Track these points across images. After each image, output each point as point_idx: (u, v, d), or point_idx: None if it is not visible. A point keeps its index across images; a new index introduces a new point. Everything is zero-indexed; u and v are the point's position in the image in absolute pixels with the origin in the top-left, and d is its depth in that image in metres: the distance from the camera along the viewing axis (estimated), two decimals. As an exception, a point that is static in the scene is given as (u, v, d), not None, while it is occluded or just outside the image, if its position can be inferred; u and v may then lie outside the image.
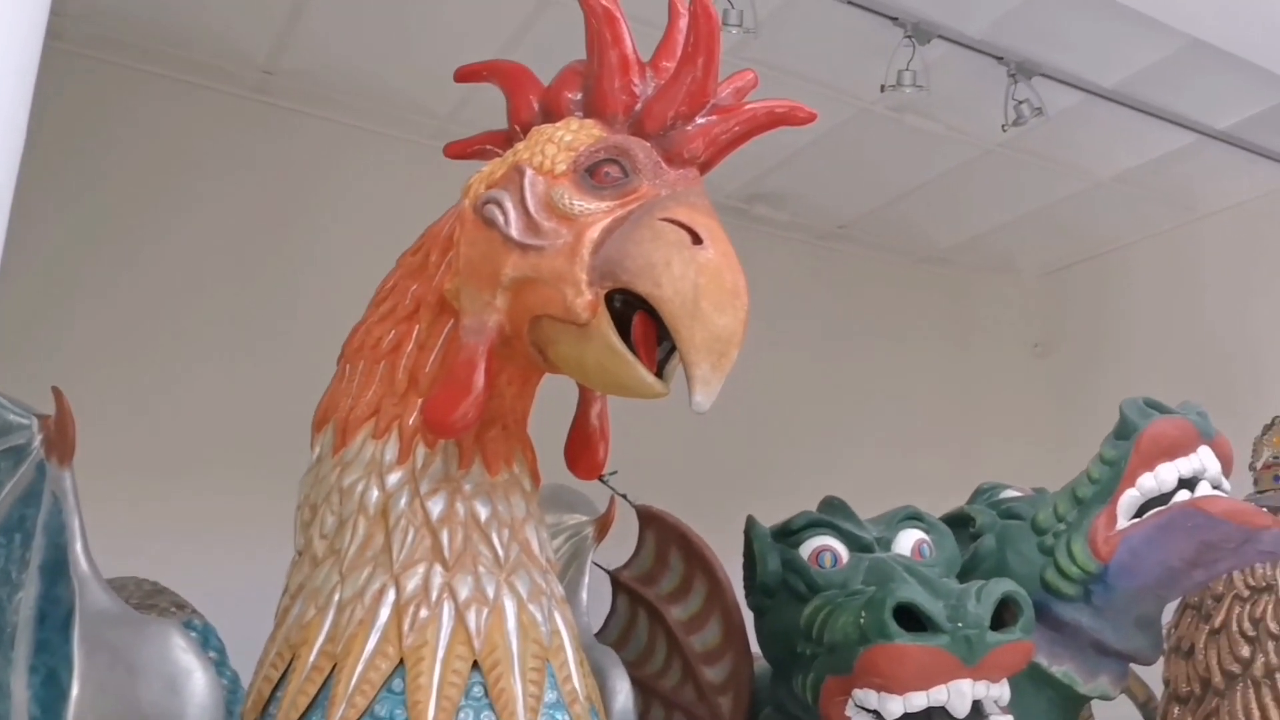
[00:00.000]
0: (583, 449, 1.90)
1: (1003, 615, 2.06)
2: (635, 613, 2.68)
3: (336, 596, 1.66)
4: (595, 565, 2.68)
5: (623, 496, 2.69)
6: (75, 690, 1.59)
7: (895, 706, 2.00)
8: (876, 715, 2.05)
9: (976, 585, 2.07)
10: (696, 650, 2.57)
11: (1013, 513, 2.67)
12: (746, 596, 2.51)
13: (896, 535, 2.45)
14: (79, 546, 1.67)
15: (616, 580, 2.71)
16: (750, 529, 2.52)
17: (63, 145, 3.81)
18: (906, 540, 2.45)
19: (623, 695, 2.07)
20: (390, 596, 1.63)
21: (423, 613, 1.62)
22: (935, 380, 5.36)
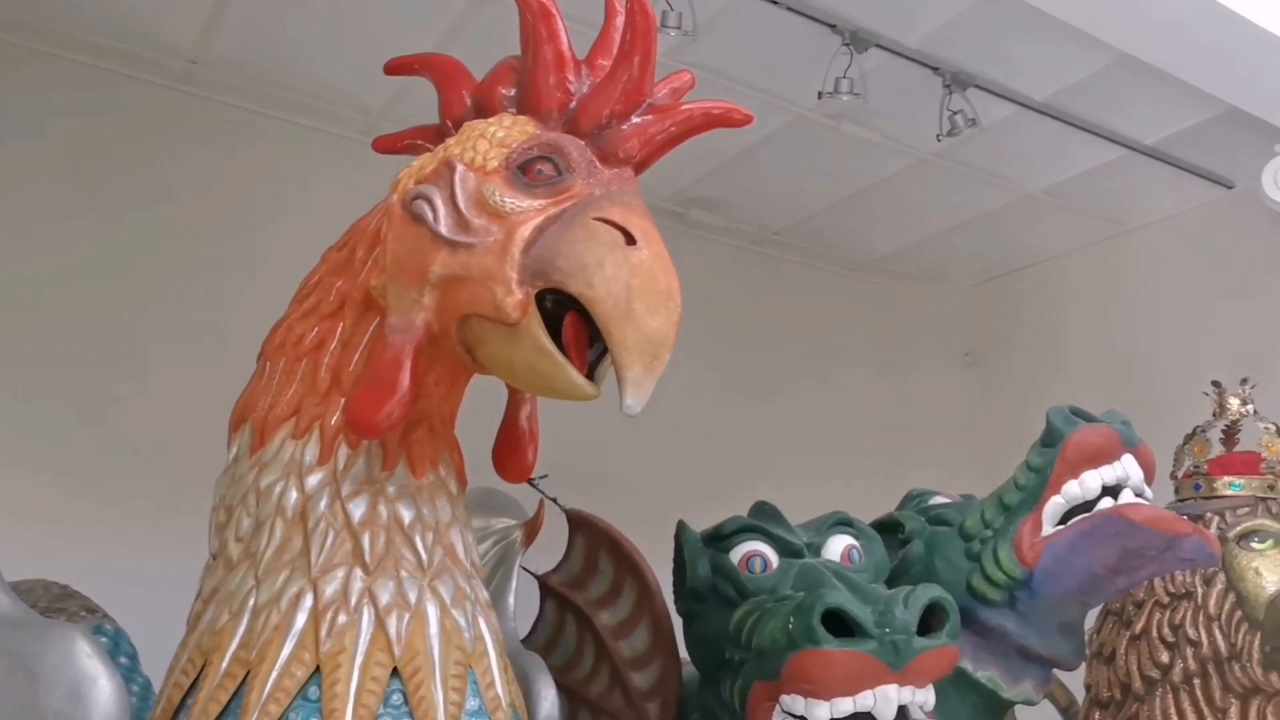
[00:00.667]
0: (511, 451, 1.89)
1: (930, 621, 2.09)
2: (563, 618, 2.66)
3: (251, 601, 1.62)
4: (523, 570, 2.67)
5: (552, 500, 2.68)
6: (-29, 698, 1.54)
7: (822, 712, 2.02)
8: (803, 720, 2.06)
9: (904, 591, 2.09)
10: (625, 656, 2.56)
11: (941, 519, 2.71)
12: (676, 602, 2.52)
13: (826, 541, 2.47)
14: (-25, 549, 1.61)
15: (545, 585, 2.69)
16: (680, 534, 2.52)
17: (-29, 135, 3.70)
18: (836, 546, 2.47)
19: (548, 702, 2.06)
20: (308, 601, 1.60)
21: (341, 618, 1.59)
22: (867, 387, 5.43)
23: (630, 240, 1.51)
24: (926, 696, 2.08)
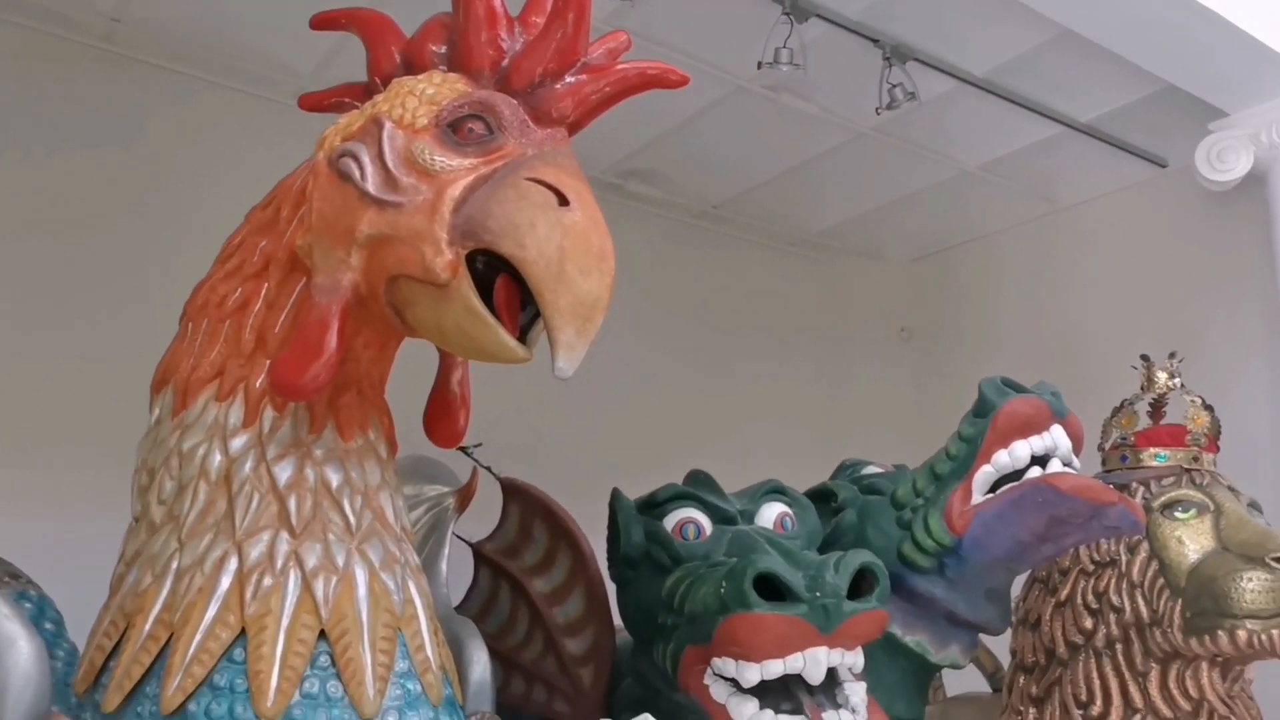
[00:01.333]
0: (442, 416, 1.89)
1: (860, 586, 2.13)
2: (497, 585, 2.68)
3: (175, 564, 1.61)
4: (457, 538, 2.67)
5: (486, 469, 2.69)
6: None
7: (752, 674, 2.06)
8: (734, 684, 2.10)
9: (835, 556, 2.14)
10: (559, 623, 2.59)
11: (873, 488, 2.77)
12: (610, 568, 2.54)
13: (760, 508, 2.51)
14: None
15: (479, 553, 2.70)
16: (615, 501, 2.54)
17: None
18: (769, 513, 2.51)
19: (480, 666, 2.08)
20: (232, 564, 1.59)
21: (266, 581, 1.59)
22: (803, 362, 5.50)
23: (563, 201, 1.51)
24: (855, 659, 2.13)
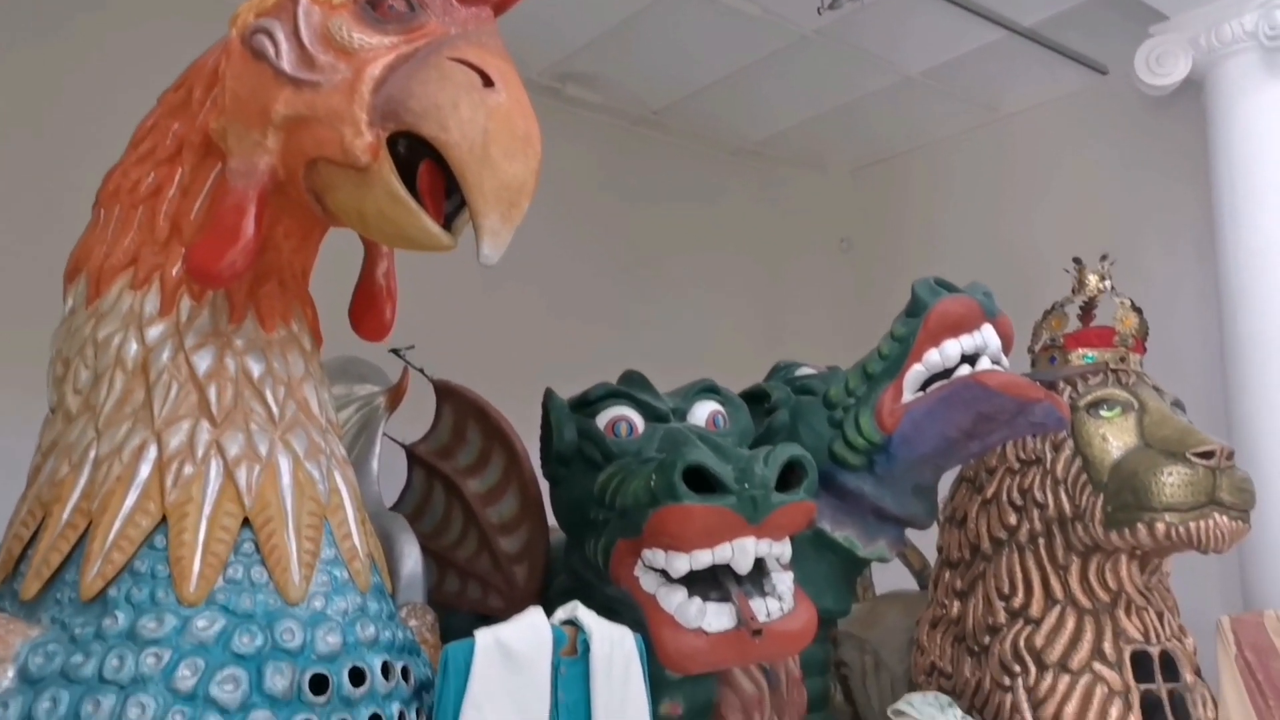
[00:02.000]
0: (368, 308, 1.88)
1: (789, 478, 2.18)
2: (431, 486, 2.70)
3: (92, 453, 1.61)
4: (391, 440, 2.69)
5: (419, 370, 2.69)
6: None
7: (681, 564, 2.10)
8: (663, 574, 2.15)
9: (765, 450, 2.17)
10: (493, 522, 2.62)
11: (807, 388, 2.82)
12: (543, 466, 2.57)
13: (692, 406, 2.55)
14: None
15: (412, 454, 2.72)
16: (548, 400, 2.56)
17: None
18: (702, 411, 2.54)
19: (411, 560, 2.11)
20: (151, 453, 1.60)
21: (187, 469, 1.59)
22: (742, 271, 5.51)
23: (487, 82, 1.49)
24: (783, 549, 2.18)
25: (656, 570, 2.17)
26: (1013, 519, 3.01)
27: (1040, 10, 4.60)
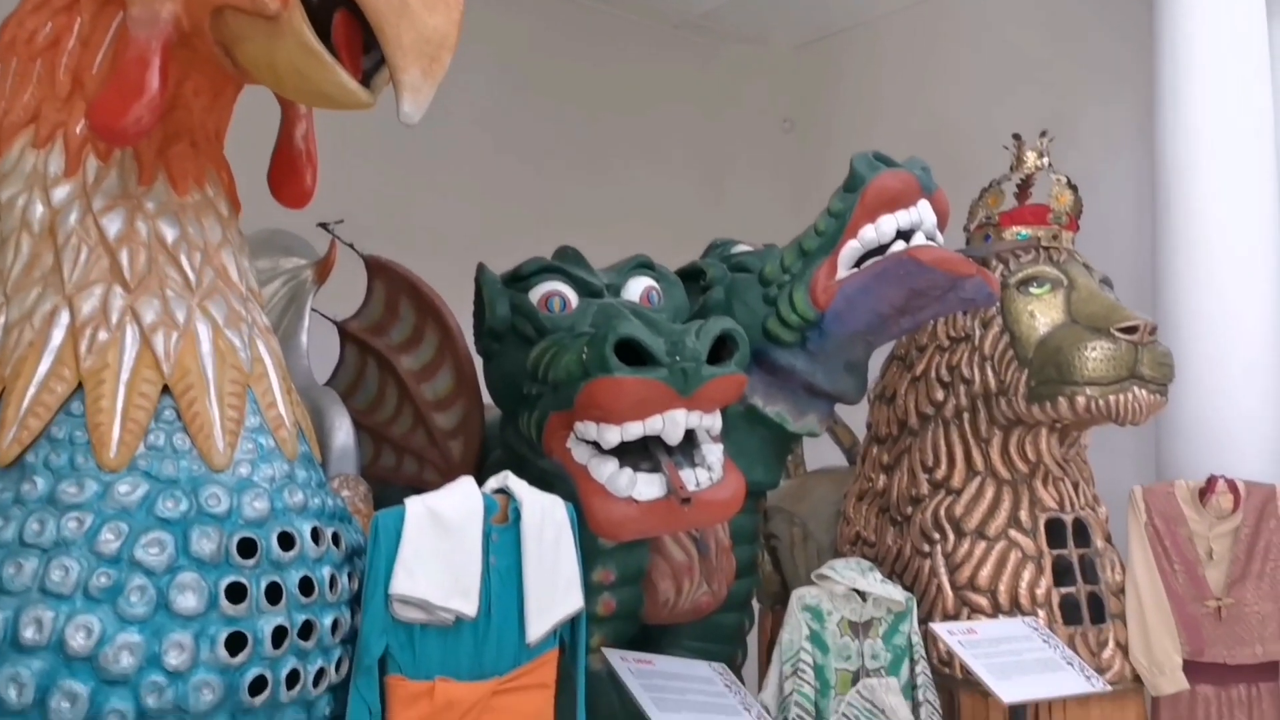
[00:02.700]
0: (288, 173, 1.82)
1: (719, 352, 2.19)
2: (364, 363, 2.67)
3: (1, 319, 1.56)
4: (323, 316, 2.64)
5: (349, 246, 2.63)
6: None
7: (612, 436, 2.12)
8: (595, 446, 2.16)
9: (696, 324, 2.18)
10: (428, 398, 2.61)
11: (742, 266, 2.80)
12: (476, 342, 2.55)
13: (626, 282, 2.53)
14: None
15: (344, 331, 2.68)
16: (480, 275, 2.52)
17: None
18: (636, 287, 2.53)
19: (343, 432, 2.10)
20: (64, 318, 1.55)
21: (102, 335, 1.55)
22: (683, 148, 5.42)
23: (405, -73, 1.42)
24: (713, 421, 2.20)
25: (588, 442, 2.18)
26: (940, 395, 3.07)
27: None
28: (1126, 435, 3.35)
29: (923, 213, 2.57)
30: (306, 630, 1.61)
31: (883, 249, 2.56)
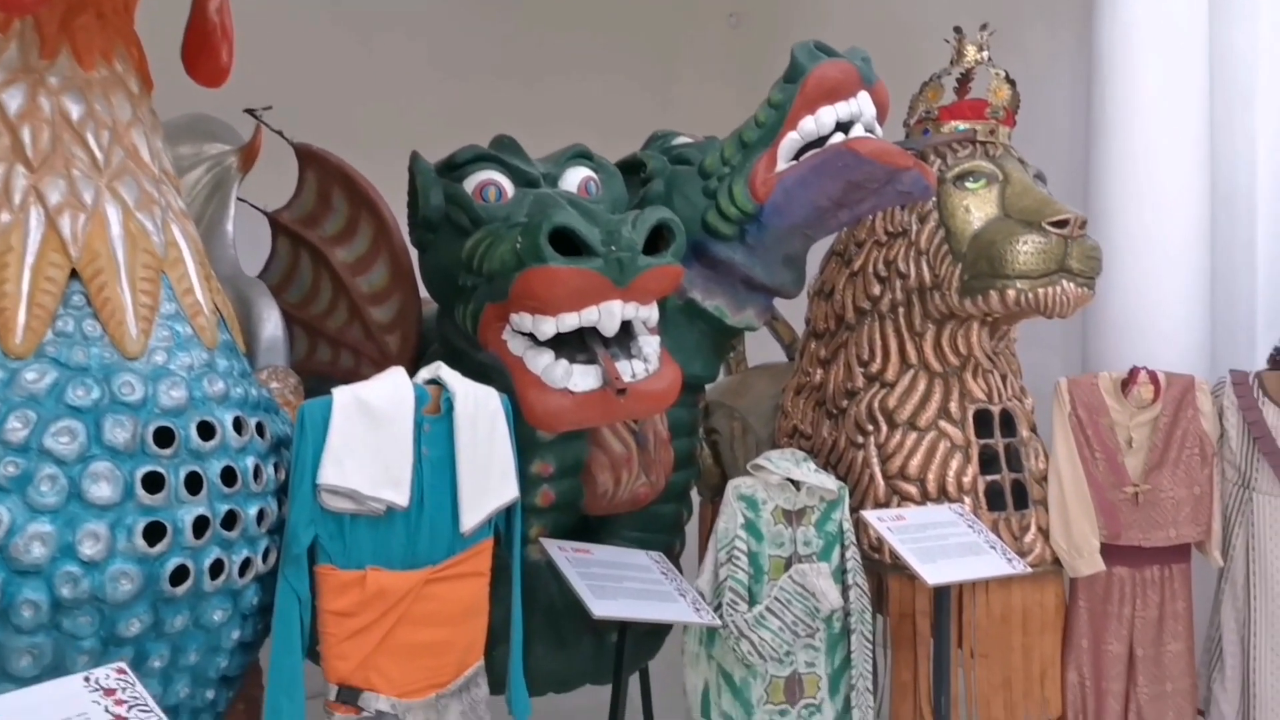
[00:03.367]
0: (201, 49, 1.70)
1: (656, 242, 2.12)
2: (297, 255, 2.56)
3: (-106, 199, 1.44)
4: (253, 207, 2.52)
5: (278, 133, 2.49)
6: None
7: (548, 327, 2.05)
8: (531, 338, 2.10)
9: (633, 214, 2.10)
10: (363, 291, 2.52)
11: (683, 158, 2.72)
12: (410, 233, 2.45)
13: (564, 172, 2.43)
14: None
15: (276, 222, 2.56)
16: (414, 164, 2.41)
17: None
18: (574, 177, 2.43)
19: (271, 323, 2.01)
20: (-41, 199, 1.43)
21: (4, 217, 1.44)
22: (628, 45, 5.23)
23: None
24: (649, 313, 2.14)
25: (524, 334, 2.11)
26: (877, 290, 3.04)
27: None
28: (1054, 329, 3.36)
29: (862, 105, 2.50)
30: (230, 520, 1.55)
31: (822, 141, 2.49)
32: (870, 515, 2.68)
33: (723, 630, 2.47)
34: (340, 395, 1.72)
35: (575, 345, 2.11)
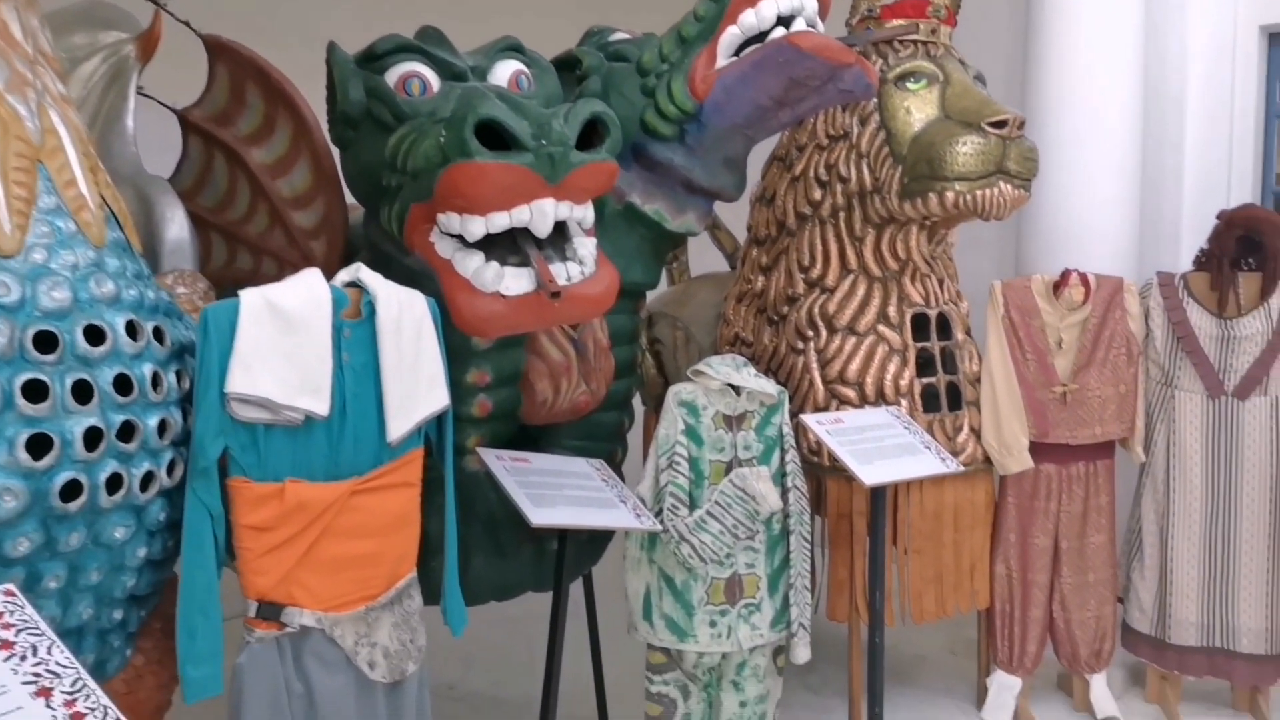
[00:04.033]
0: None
1: (590, 138, 1.93)
2: (211, 156, 2.32)
3: None
4: (162, 105, 2.27)
5: (185, 24, 2.23)
6: None
7: (477, 227, 1.86)
8: (460, 239, 1.91)
9: (565, 107, 1.90)
10: (284, 195, 2.29)
11: (620, 55, 2.51)
12: (330, 130, 2.21)
13: (493, 65, 2.21)
14: None
15: (186, 121, 2.31)
16: (331, 55, 2.17)
17: None
18: (504, 71, 2.22)
19: (176, 225, 1.80)
20: None
21: None
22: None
23: None
24: (585, 213, 1.96)
25: (452, 235, 1.91)
26: (818, 194, 2.89)
27: None
28: (990, 233, 3.26)
29: None
30: (127, 432, 1.37)
31: (762, 36, 2.30)
32: (809, 419, 2.58)
33: (664, 535, 2.37)
34: (248, 297, 1.53)
35: (507, 247, 1.92)
